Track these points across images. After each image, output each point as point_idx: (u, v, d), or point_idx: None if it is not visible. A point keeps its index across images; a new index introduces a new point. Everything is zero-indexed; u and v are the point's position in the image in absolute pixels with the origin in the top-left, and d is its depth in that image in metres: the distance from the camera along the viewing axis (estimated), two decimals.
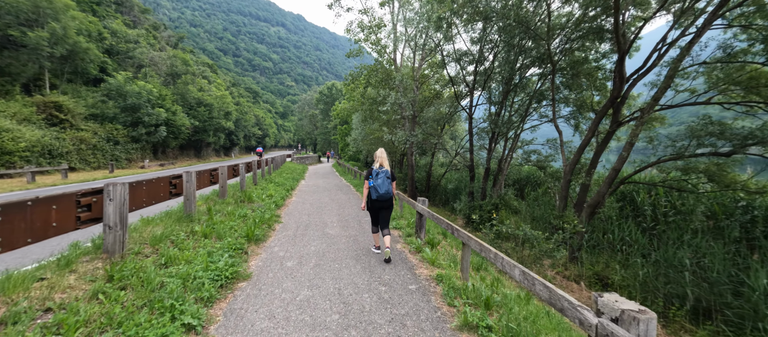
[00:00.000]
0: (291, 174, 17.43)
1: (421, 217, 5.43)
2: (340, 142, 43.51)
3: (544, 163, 11.95)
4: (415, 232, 5.60)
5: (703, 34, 6.57)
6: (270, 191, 9.95)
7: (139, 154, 24.01)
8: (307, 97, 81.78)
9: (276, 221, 6.56)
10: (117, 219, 3.26)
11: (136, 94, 22.92)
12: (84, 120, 20.55)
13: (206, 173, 6.61)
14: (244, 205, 7.36)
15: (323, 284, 3.56)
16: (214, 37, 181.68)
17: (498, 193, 14.16)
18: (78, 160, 18.44)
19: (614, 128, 9.06)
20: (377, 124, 22.55)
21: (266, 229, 5.76)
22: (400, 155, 29.64)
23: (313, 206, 8.72)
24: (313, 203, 9.24)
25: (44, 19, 18.55)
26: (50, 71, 20.51)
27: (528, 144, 14.22)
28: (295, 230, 6.02)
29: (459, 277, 3.74)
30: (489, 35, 11.95)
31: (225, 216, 6.00)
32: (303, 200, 9.82)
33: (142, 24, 48.34)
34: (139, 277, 2.93)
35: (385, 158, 4.39)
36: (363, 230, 6.05)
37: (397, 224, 6.36)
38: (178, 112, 28.19)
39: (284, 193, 10.29)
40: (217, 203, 6.83)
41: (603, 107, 8.93)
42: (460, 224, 15.19)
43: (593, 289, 7.65)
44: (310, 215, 7.38)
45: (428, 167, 22.13)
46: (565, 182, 9.67)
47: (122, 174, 18.42)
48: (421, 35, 17.64)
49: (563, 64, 10.99)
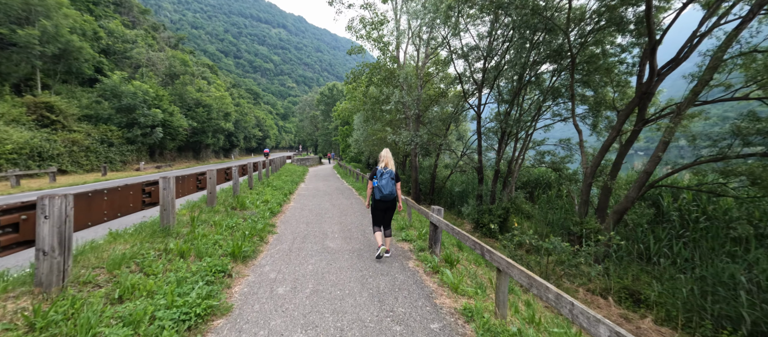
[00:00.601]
0: (290, 177, 16.72)
1: (437, 229, 4.68)
2: (342, 143, 42.88)
3: (560, 164, 11.17)
4: (428, 246, 4.85)
5: (751, 20, 5.81)
6: (266, 196, 9.22)
7: (135, 156, 23.34)
8: (308, 98, 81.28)
9: (270, 232, 5.82)
10: (54, 242, 2.52)
11: (131, 95, 22.25)
12: (77, 121, 19.91)
13: (192, 178, 5.88)
14: (235, 213, 6.63)
15: (322, 321, 2.81)
16: (216, 38, 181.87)
17: (508, 196, 13.39)
18: (70, 163, 17.78)
19: (640, 126, 8.30)
20: (380, 125, 21.83)
21: (258, 242, 5.02)
22: (403, 156, 28.91)
23: (313, 212, 7.98)
24: (312, 209, 8.51)
25: (35, 16, 17.93)
26: (43, 71, 19.89)
27: (539, 144, 13.45)
28: (291, 242, 5.27)
29: (493, 310, 2.98)
30: (500, 29, 11.21)
31: (211, 227, 5.27)
32: (302, 205, 9.09)
33: (141, 25, 47.93)
34: (75, 323, 2.19)
35: (390, 159, 4.38)
36: (368, 243, 5.30)
37: (407, 236, 5.61)
38: (175, 113, 27.52)
39: (282, 197, 9.56)
40: (204, 212, 6.11)
41: (630, 104, 8.17)
42: (468, 229, 14.43)
43: (623, 305, 6.87)
44: (309, 224, 6.64)
45: (432, 169, 21.38)
46: (585, 185, 8.90)
47: (116, 177, 17.75)
48: (427, 30, 16.93)
49: (579, 59, 10.24)
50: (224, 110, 39.82)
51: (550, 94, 11.21)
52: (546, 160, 12.19)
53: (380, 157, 4.42)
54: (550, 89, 11.51)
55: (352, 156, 39.32)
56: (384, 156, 4.40)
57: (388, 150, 4.43)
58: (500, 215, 12.76)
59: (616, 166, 8.78)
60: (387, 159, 4.36)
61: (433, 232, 4.74)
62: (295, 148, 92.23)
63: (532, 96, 13.13)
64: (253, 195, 9.23)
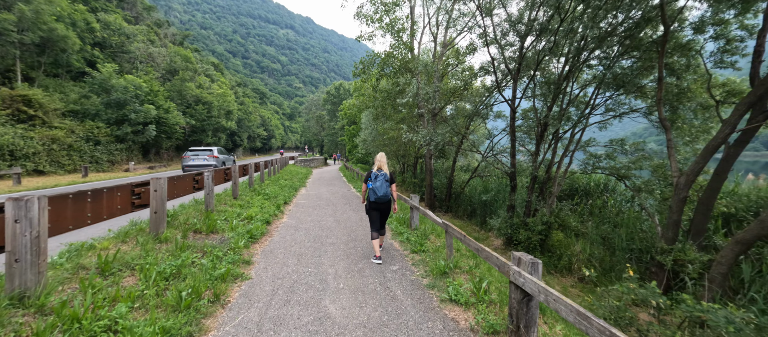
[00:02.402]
0: (290, 181, 14.68)
1: (530, 301, 2.49)
2: (348, 143, 40.98)
3: (624, 170, 8.83)
4: (514, 326, 2.66)
5: None
6: (253, 209, 7.14)
7: (125, 156, 21.55)
8: (314, 98, 79.80)
9: (239, 277, 3.71)
10: None
11: (122, 89, 20.50)
12: (61, 117, 18.22)
13: (115, 192, 3.79)
14: (195, 242, 4.53)
15: None
16: (224, 39, 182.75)
17: (550, 208, 11.10)
18: (48, 163, 16.04)
19: (762, 121, 5.99)
20: (391, 123, 19.68)
21: (207, 309, 2.90)
22: (415, 158, 26.75)
23: (310, 235, 5.85)
24: (310, 228, 6.39)
25: (13, 1, 16.29)
26: (25, 62, 18.26)
27: (587, 145, 11.14)
28: (265, 303, 3.14)
29: None
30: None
31: (131, 278, 3.17)
32: (297, 222, 6.98)
33: (144, 20, 46.74)
34: None
35: (384, 162, 4.55)
36: (395, 303, 3.13)
37: (456, 292, 3.40)
38: (171, 110, 25.75)
39: (273, 210, 7.46)
40: (144, 242, 4.01)
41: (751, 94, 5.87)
42: (497, 246, 12.18)
43: None
44: (301, 259, 4.51)
45: (449, 173, 19.11)
46: (678, 200, 6.58)
47: (100, 178, 15.96)
48: (445, 15, 14.76)
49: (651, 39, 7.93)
50: (226, 108, 38.06)
51: (616, 82, 8.88)
52: (602, 164, 9.88)
53: (375, 160, 4.64)
54: (609, 77, 9.19)
55: (358, 157, 37.28)
56: (379, 159, 4.60)
57: (384, 154, 4.62)
58: (541, 230, 10.47)
59: (719, 176, 6.47)
60: (381, 162, 4.53)
61: (520, 304, 2.54)
62: (300, 148, 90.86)
63: (581, 83, 10.84)
64: (235, 207, 7.15)
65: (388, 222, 6.46)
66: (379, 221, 4.52)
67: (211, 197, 6.22)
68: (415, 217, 6.43)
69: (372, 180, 4.41)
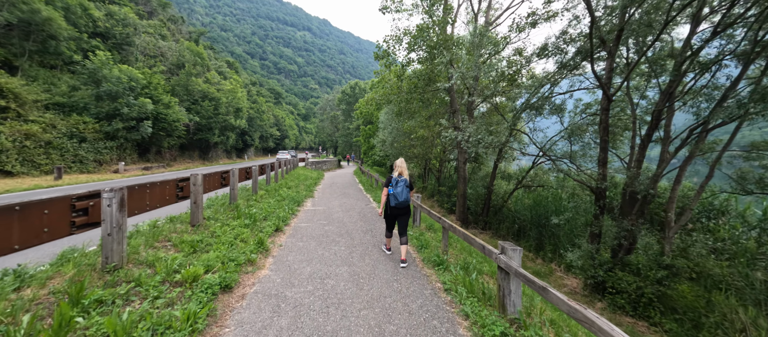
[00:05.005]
0: (294, 189, 11.68)
1: None
2: (364, 144, 38.02)
3: None
4: None
5: None
6: (218, 249, 4.11)
7: (116, 155, 19.28)
8: (329, 98, 77.77)
9: None
10: None
11: (115, 80, 18.27)
12: (42, 110, 16.10)
13: None
14: None
15: None
16: (243, 41, 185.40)
17: (669, 242, 7.52)
18: (19, 162, 13.80)
19: None
20: (418, 119, 16.46)
21: None
22: (440, 162, 23.39)
23: (312, 289, 2.72)
24: (312, 272, 3.33)
25: None
26: (5, 48, 16.27)
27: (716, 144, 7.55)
28: None
29: None
30: None
31: None
32: (295, 260, 3.87)
33: (158, 16, 45.67)
34: None
35: (404, 168, 4.58)
36: None
37: None
38: (172, 105, 23.51)
39: (251, 249, 4.42)
40: None
41: None
42: (573, 290, 8.72)
43: None
44: None
45: (489, 182, 15.66)
46: None
47: (73, 182, 13.56)
48: None
49: None
50: (235, 105, 35.81)
51: None
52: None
53: (395, 166, 4.66)
54: None
55: (375, 159, 34.21)
56: (399, 165, 4.62)
57: (403, 159, 4.60)
58: (659, 279, 6.93)
59: None
60: (402, 168, 4.58)
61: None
62: (315, 149, 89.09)
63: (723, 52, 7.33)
64: (183, 253, 4.13)
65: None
66: (400, 226, 4.54)
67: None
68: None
69: (393, 185, 4.46)
